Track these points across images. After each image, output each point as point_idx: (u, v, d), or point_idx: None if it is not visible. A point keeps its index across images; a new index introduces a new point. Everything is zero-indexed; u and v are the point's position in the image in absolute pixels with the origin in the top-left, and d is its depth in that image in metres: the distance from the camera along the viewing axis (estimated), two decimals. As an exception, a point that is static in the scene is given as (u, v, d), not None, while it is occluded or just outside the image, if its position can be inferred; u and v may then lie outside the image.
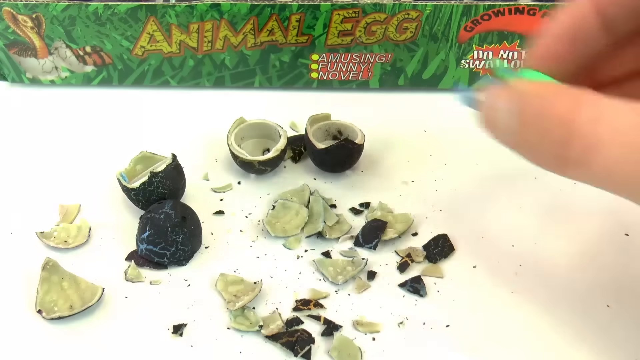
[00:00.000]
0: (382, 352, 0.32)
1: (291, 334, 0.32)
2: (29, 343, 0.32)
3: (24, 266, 0.35)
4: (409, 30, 0.45)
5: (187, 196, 0.40)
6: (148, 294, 0.34)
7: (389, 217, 0.38)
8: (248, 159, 0.39)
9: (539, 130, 0.26)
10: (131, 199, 0.37)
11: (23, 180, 0.41)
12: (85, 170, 0.41)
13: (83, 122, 0.46)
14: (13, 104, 0.47)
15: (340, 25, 0.44)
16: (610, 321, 0.33)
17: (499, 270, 0.36)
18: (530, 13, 0.44)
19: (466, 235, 0.38)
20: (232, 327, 0.33)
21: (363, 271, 0.35)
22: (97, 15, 0.44)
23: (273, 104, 0.47)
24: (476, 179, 0.41)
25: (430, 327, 0.33)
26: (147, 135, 0.44)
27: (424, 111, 0.47)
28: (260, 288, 0.34)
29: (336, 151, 0.39)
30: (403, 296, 0.34)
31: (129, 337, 0.32)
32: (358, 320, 0.33)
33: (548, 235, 0.38)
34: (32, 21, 0.44)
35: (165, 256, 0.35)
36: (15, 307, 0.33)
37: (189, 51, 0.46)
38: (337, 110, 0.44)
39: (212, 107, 0.47)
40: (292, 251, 0.37)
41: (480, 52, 0.46)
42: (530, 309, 0.34)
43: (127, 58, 0.46)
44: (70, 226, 0.37)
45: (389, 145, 0.44)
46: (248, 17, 0.44)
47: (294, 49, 0.46)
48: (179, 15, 0.44)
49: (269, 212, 0.38)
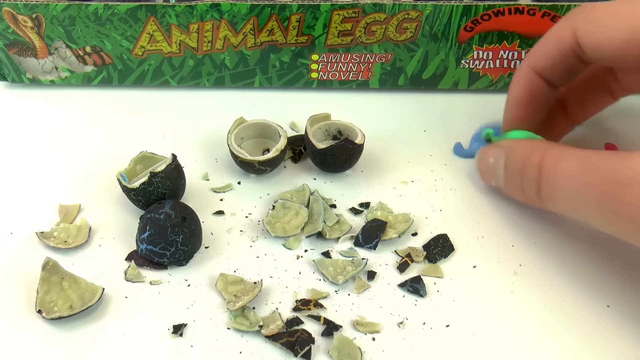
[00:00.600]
0: (382, 352, 0.32)
1: (291, 334, 0.32)
2: (29, 343, 0.32)
3: (24, 266, 0.35)
4: (409, 30, 0.45)
5: (187, 196, 0.40)
6: (148, 294, 0.34)
7: (389, 217, 0.38)
8: (248, 159, 0.39)
9: (519, 175, 0.35)
10: (131, 199, 0.37)
11: (23, 180, 0.41)
12: (85, 170, 0.41)
13: (83, 122, 0.46)
14: (13, 104, 0.47)
15: (340, 25, 0.44)
16: (610, 321, 0.33)
17: (499, 270, 0.36)
18: (530, 13, 0.44)
19: (466, 235, 0.38)
20: (232, 327, 0.33)
21: (363, 271, 0.35)
22: (97, 15, 0.44)
23: (273, 104, 0.47)
24: (476, 179, 0.41)
25: (430, 327, 0.33)
26: (147, 135, 0.44)
27: (424, 111, 0.47)
28: (260, 288, 0.34)
29: (336, 151, 0.39)
30: (403, 296, 0.34)
31: (129, 337, 0.32)
32: (358, 320, 0.33)
33: (548, 235, 0.38)
34: (32, 21, 0.44)
35: (165, 256, 0.35)
36: (15, 307, 0.33)
37: (189, 51, 0.46)
38: (337, 110, 0.44)
39: (212, 107, 0.47)
40: (292, 251, 0.37)
41: (480, 52, 0.46)
42: (530, 309, 0.34)
43: (127, 58, 0.46)
44: (70, 226, 0.37)
45: (389, 145, 0.44)
46: (248, 17, 0.44)
47: (294, 49, 0.46)
48: (179, 15, 0.44)
49: (269, 212, 0.38)
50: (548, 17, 0.44)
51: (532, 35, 0.45)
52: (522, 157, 0.35)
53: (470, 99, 0.48)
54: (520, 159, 0.35)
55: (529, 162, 0.34)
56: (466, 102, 0.48)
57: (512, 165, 0.36)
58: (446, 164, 0.42)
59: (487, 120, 0.45)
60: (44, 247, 0.36)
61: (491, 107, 0.47)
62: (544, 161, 0.33)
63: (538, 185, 0.33)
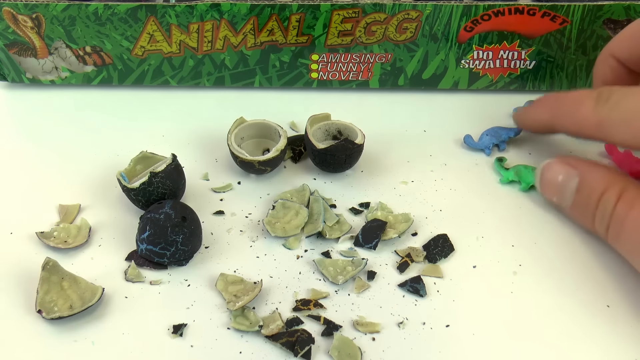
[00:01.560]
0: (382, 352, 0.32)
1: (291, 334, 0.32)
2: (29, 343, 0.32)
3: (24, 266, 0.35)
4: (409, 30, 0.45)
5: (187, 196, 0.40)
6: (148, 294, 0.34)
7: (389, 217, 0.38)
8: (248, 159, 0.39)
9: (593, 206, 0.34)
10: (131, 199, 0.37)
11: (23, 180, 0.41)
12: (85, 170, 0.41)
13: (83, 122, 0.46)
14: (13, 104, 0.47)
15: (340, 25, 0.44)
16: (610, 321, 0.33)
17: (499, 270, 0.36)
18: (530, 13, 0.43)
19: (466, 235, 0.38)
20: (232, 327, 0.33)
21: (363, 271, 0.35)
22: (97, 15, 0.44)
23: (273, 104, 0.47)
24: (476, 179, 0.41)
25: (430, 327, 0.33)
26: (147, 135, 0.44)
27: (424, 111, 0.47)
28: (260, 288, 0.34)
29: (336, 151, 0.39)
30: (403, 296, 0.34)
31: (129, 337, 0.32)
32: (358, 320, 0.33)
33: (548, 235, 0.38)
34: (32, 21, 0.44)
35: (165, 256, 0.35)
36: (15, 307, 0.33)
37: (189, 51, 0.46)
38: (337, 110, 0.44)
39: (212, 107, 0.47)
40: (292, 251, 0.37)
41: (480, 52, 0.46)
42: (530, 309, 0.34)
43: (127, 58, 0.46)
44: (70, 226, 0.37)
45: (389, 145, 0.44)
46: (248, 17, 0.44)
47: (294, 49, 0.46)
48: (179, 15, 0.44)
49: (269, 212, 0.38)
50: (548, 17, 0.44)
51: (532, 35, 0.45)
52: (601, 187, 0.34)
53: (470, 99, 0.48)
54: (598, 189, 0.34)
55: (606, 196, 0.33)
56: (466, 102, 0.48)
57: (587, 192, 0.35)
58: (446, 164, 0.42)
59: (488, 120, 0.45)
60: (44, 247, 0.36)
61: (491, 107, 0.47)
62: (620, 200, 0.33)
63: (609, 222, 0.33)
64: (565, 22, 0.44)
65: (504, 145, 0.43)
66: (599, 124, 0.33)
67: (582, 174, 0.35)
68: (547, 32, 0.45)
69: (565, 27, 0.44)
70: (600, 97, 0.33)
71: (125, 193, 0.38)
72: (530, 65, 0.46)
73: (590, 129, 0.34)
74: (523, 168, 0.40)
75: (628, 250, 0.33)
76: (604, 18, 0.44)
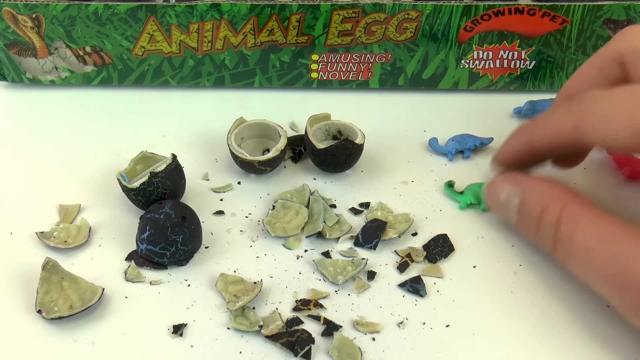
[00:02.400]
0: (382, 352, 0.32)
1: (291, 334, 0.32)
2: (29, 343, 0.32)
3: (24, 266, 0.35)
4: (409, 30, 0.45)
5: (187, 196, 0.40)
6: (148, 294, 0.34)
7: (389, 217, 0.38)
8: (248, 159, 0.39)
9: (534, 225, 0.34)
10: (131, 199, 0.37)
11: (23, 180, 0.41)
12: (85, 170, 0.41)
13: (83, 122, 0.46)
14: (13, 104, 0.47)
15: (340, 25, 0.44)
16: (610, 321, 0.33)
17: (499, 270, 0.36)
18: (530, 13, 0.44)
19: (466, 235, 0.38)
20: (232, 327, 0.33)
21: (363, 271, 0.35)
22: (97, 15, 0.44)
23: (273, 104, 0.47)
24: (476, 179, 0.41)
25: (430, 327, 0.33)
26: (147, 135, 0.44)
27: (424, 111, 0.47)
28: (260, 288, 0.34)
29: (336, 151, 0.39)
30: (403, 296, 0.34)
31: (129, 337, 0.32)
32: (358, 320, 0.33)
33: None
34: (32, 21, 0.44)
35: (165, 256, 0.35)
36: (15, 307, 0.33)
37: (189, 51, 0.46)
38: (337, 110, 0.44)
39: (212, 107, 0.47)
40: (292, 251, 0.37)
41: (480, 52, 0.46)
42: (530, 309, 0.34)
43: (127, 58, 0.46)
44: (70, 226, 0.37)
45: (389, 145, 0.44)
46: (248, 17, 0.44)
47: (294, 49, 0.46)
48: (179, 15, 0.44)
49: (269, 212, 0.38)
50: (548, 17, 0.44)
51: (532, 35, 0.45)
52: (540, 206, 0.33)
53: (470, 99, 0.48)
54: (537, 208, 0.33)
55: (546, 215, 0.33)
56: (466, 102, 0.48)
57: (527, 211, 0.34)
58: (446, 164, 0.42)
59: (488, 120, 0.45)
60: (44, 247, 0.36)
61: (491, 107, 0.47)
62: (562, 219, 0.32)
63: (554, 243, 0.33)
64: (565, 22, 0.44)
65: (468, 152, 0.42)
66: (574, 125, 0.32)
67: (523, 192, 0.34)
68: (547, 32, 0.45)
69: (565, 27, 0.44)
70: (573, 99, 0.32)
71: (125, 193, 0.38)
72: (530, 65, 0.47)
73: (567, 133, 0.33)
74: (477, 188, 0.39)
75: (578, 270, 0.32)
76: (604, 18, 0.44)
